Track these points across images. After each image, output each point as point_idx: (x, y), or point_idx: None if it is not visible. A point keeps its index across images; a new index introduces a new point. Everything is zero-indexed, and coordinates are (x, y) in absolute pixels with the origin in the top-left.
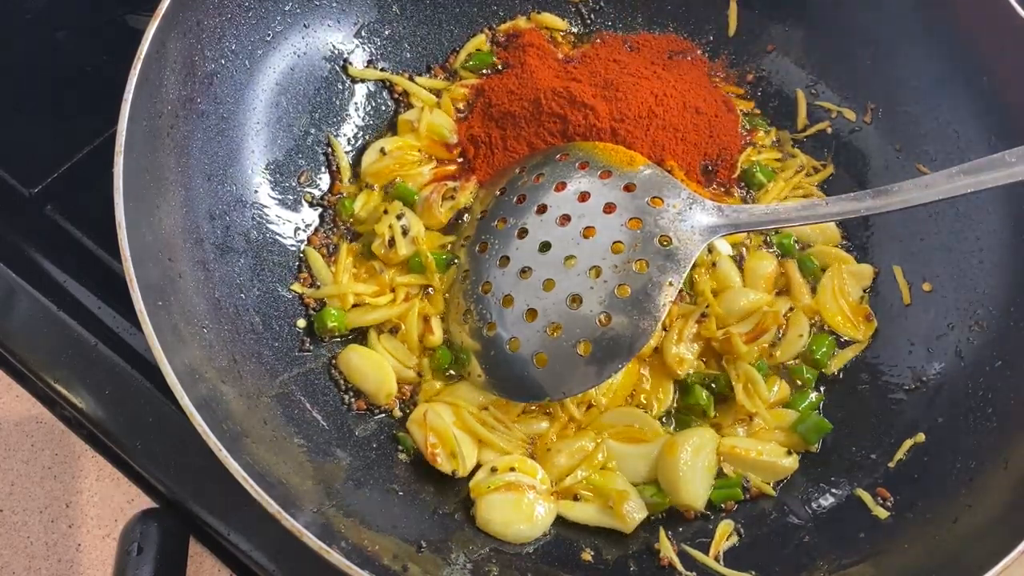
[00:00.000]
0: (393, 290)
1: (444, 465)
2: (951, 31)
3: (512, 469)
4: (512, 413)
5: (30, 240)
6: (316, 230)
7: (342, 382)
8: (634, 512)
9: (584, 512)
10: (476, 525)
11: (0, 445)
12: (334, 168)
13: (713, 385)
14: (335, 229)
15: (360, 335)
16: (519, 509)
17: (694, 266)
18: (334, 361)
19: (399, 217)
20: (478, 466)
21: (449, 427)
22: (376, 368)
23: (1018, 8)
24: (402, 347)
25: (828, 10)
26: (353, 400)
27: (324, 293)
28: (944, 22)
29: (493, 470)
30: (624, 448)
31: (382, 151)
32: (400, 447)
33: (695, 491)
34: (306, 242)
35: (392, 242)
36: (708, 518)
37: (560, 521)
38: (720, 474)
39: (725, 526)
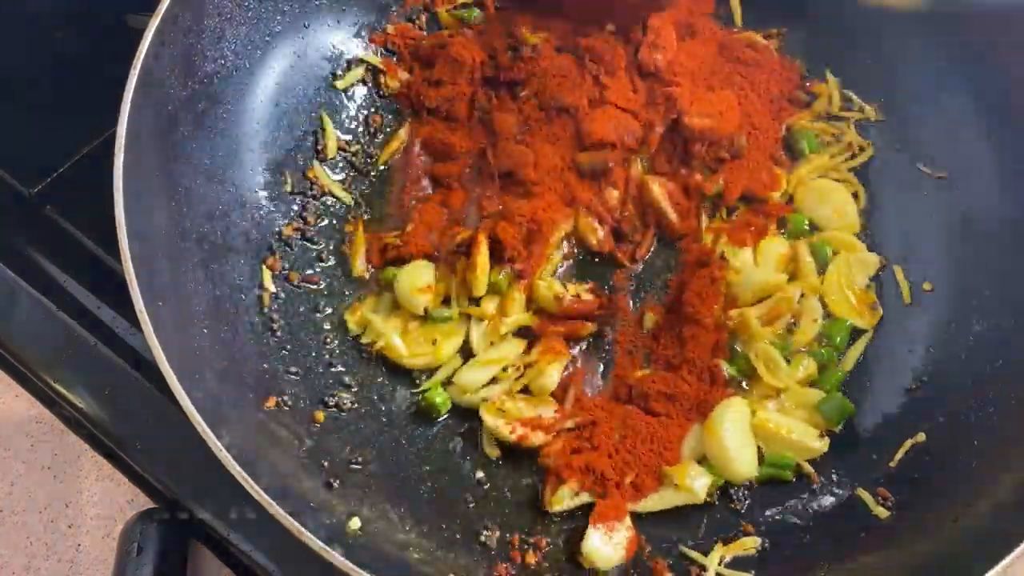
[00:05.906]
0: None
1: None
2: (951, 31)
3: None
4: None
5: (30, 240)
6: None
7: (346, 378)
8: (697, 479)
9: (652, 501)
10: (580, 551)
11: (0, 445)
12: (319, 147)
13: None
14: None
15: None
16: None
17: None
18: (341, 356)
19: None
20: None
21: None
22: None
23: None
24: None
25: (829, 10)
26: (358, 396)
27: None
28: (944, 22)
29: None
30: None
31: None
32: (402, 446)
33: (745, 463)
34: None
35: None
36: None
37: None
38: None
39: (751, 541)
